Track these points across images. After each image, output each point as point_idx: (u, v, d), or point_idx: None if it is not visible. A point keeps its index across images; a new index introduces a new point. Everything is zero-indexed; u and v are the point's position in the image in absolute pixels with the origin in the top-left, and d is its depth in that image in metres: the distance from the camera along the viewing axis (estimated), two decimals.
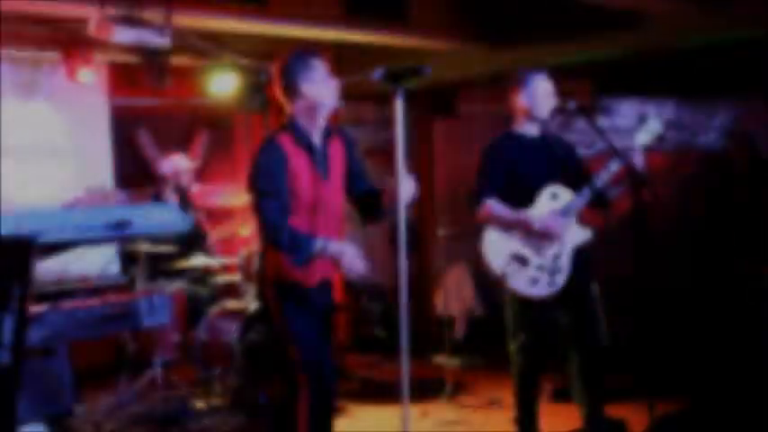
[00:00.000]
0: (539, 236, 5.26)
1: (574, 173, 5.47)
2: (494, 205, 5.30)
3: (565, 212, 5.30)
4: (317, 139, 4.46)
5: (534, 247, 5.28)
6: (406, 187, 4.14)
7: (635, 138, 5.33)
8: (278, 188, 4.27)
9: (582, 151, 8.45)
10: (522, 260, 5.27)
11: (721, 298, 7.23)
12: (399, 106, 3.70)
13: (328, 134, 4.55)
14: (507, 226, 5.30)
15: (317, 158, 4.42)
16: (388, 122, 10.07)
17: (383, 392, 7.31)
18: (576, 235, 5.38)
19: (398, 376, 3.83)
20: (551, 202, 5.34)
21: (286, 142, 4.34)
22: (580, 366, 5.41)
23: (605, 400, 5.52)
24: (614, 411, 5.46)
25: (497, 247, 5.29)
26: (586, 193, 5.31)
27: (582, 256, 5.43)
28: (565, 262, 5.33)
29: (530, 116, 5.45)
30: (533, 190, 5.34)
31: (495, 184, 5.33)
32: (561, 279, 5.30)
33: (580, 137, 8.71)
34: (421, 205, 9.53)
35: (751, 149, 7.08)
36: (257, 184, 4.30)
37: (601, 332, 5.54)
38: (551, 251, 5.30)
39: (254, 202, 4.31)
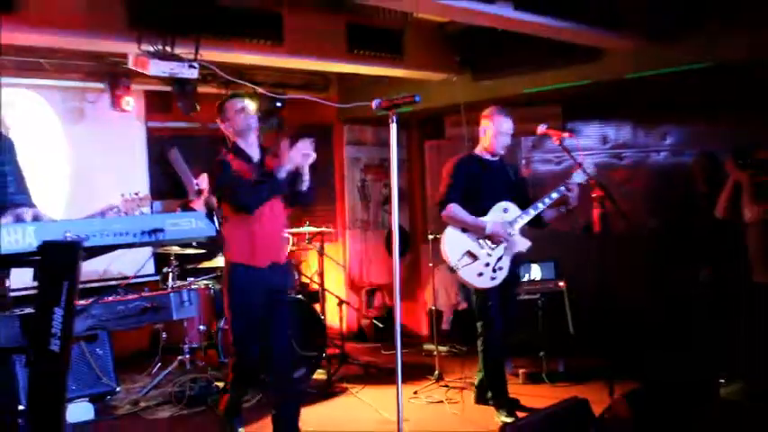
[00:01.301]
0: (488, 239, 5.62)
1: (522, 194, 5.87)
2: (456, 209, 5.66)
3: (512, 224, 5.68)
4: (254, 155, 5.10)
5: (484, 248, 5.63)
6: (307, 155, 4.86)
7: (573, 177, 5.73)
8: (233, 179, 4.91)
9: (552, 167, 8.51)
10: (473, 256, 5.62)
11: (670, 294, 7.24)
12: (393, 129, 3.72)
13: (265, 151, 5.17)
14: (465, 227, 5.68)
15: (255, 167, 5.03)
16: (384, 144, 10.15)
17: (381, 375, 7.31)
18: (519, 243, 5.72)
19: (394, 362, 3.81)
20: (502, 214, 5.71)
21: (230, 159, 5.02)
22: None
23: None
24: (578, 392, 5.43)
25: (454, 243, 5.67)
26: (530, 212, 5.69)
27: (519, 261, 5.89)
28: (506, 263, 5.67)
29: (488, 148, 5.85)
30: (488, 203, 5.71)
31: (458, 193, 5.70)
32: (501, 276, 5.68)
33: (550, 155, 8.73)
34: (413, 214, 9.54)
35: (714, 170, 7.06)
36: (218, 184, 5.04)
37: (514, 319, 6.02)
38: (497, 253, 5.63)
39: (219, 194, 5.10)
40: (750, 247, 5.95)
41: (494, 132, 5.77)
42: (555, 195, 5.67)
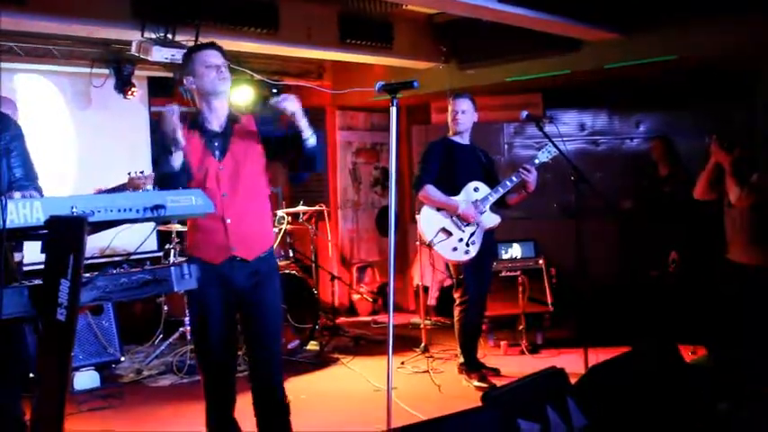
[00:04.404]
0: (461, 217, 5.73)
1: (492, 175, 6.03)
2: (431, 189, 5.81)
3: (483, 202, 5.80)
4: (215, 124, 3.85)
5: (457, 225, 5.76)
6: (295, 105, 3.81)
7: (537, 157, 5.84)
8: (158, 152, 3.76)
9: (532, 152, 8.51)
10: (447, 233, 5.76)
11: (644, 272, 7.25)
12: (394, 112, 3.68)
13: (234, 120, 3.89)
14: (439, 206, 5.81)
15: (210, 141, 3.81)
16: (374, 128, 10.11)
17: (370, 347, 7.31)
18: (489, 220, 5.86)
19: (383, 334, 3.81)
20: (474, 193, 5.85)
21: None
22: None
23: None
24: (556, 363, 5.44)
25: (430, 221, 5.82)
26: (500, 190, 5.80)
27: (490, 235, 5.95)
28: (478, 238, 5.80)
29: (453, 129, 5.95)
30: (461, 182, 5.86)
31: (433, 174, 5.83)
32: (474, 250, 5.79)
33: (531, 140, 8.74)
34: (401, 195, 9.52)
35: (673, 155, 7.07)
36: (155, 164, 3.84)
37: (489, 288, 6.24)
38: (469, 229, 5.78)
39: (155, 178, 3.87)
40: (729, 227, 5.81)
41: (452, 114, 5.93)
42: (515, 179, 5.77)
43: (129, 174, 5.63)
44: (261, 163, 3.92)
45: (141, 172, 5.59)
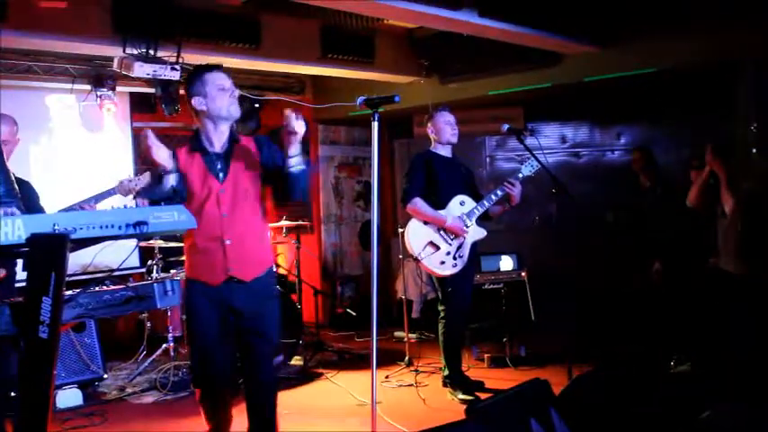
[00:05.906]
0: (449, 231, 5.73)
1: (471, 188, 6.05)
2: (420, 203, 5.77)
3: (469, 216, 5.80)
4: (217, 145, 3.84)
5: (444, 238, 5.75)
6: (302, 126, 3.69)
7: (521, 171, 5.83)
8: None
9: (514, 165, 8.56)
10: (435, 246, 5.75)
11: (627, 283, 7.28)
12: (375, 126, 3.68)
13: (235, 141, 3.89)
14: (427, 220, 5.78)
15: (213, 162, 3.82)
16: (356, 143, 10.14)
17: (354, 361, 7.30)
18: (475, 233, 5.87)
19: (368, 348, 3.81)
20: (459, 207, 5.84)
21: (181, 153, 3.82)
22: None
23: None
24: (539, 375, 5.46)
25: (417, 235, 5.79)
26: (485, 204, 5.81)
27: (473, 248, 5.91)
28: (465, 251, 5.81)
29: (438, 141, 5.96)
30: (446, 196, 5.84)
31: (419, 186, 5.81)
32: (461, 263, 5.80)
33: (513, 153, 8.78)
34: (383, 209, 9.54)
35: (653, 165, 7.10)
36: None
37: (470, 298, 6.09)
38: (456, 242, 5.78)
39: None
40: (723, 236, 5.72)
41: (439, 125, 5.92)
42: (499, 193, 5.79)
43: (120, 180, 5.63)
44: (259, 184, 3.92)
45: (137, 176, 5.58)
